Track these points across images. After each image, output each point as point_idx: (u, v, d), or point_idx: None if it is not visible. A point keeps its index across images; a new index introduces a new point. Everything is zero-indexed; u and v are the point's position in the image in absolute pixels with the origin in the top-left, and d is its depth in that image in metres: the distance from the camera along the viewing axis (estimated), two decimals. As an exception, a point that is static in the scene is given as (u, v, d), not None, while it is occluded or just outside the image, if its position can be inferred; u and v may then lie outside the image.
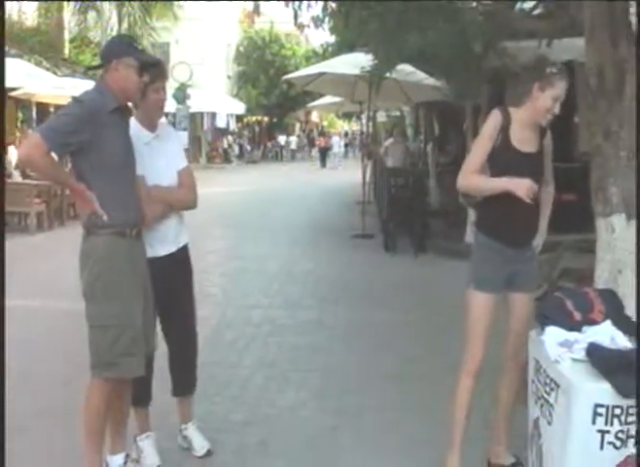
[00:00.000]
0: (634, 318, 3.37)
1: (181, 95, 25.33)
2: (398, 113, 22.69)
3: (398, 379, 4.82)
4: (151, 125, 3.53)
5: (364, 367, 5.10)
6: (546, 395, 2.83)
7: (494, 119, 3.25)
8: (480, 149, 3.27)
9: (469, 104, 11.17)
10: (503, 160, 3.23)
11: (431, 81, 12.33)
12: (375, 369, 5.05)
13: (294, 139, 41.70)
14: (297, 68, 29.25)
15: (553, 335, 2.92)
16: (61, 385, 4.45)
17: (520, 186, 3.09)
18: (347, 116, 35.50)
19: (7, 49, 13.48)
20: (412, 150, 14.88)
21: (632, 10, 4.81)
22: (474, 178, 3.27)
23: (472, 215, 6.26)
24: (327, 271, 8.62)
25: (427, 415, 4.14)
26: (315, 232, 11.75)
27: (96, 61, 4.43)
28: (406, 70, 12.25)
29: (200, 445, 3.73)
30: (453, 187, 3.48)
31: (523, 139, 3.26)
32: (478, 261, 3.38)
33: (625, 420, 2.57)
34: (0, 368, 3.03)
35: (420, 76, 12.36)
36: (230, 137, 35.83)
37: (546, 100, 3.16)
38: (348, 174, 20.30)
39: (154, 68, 3.41)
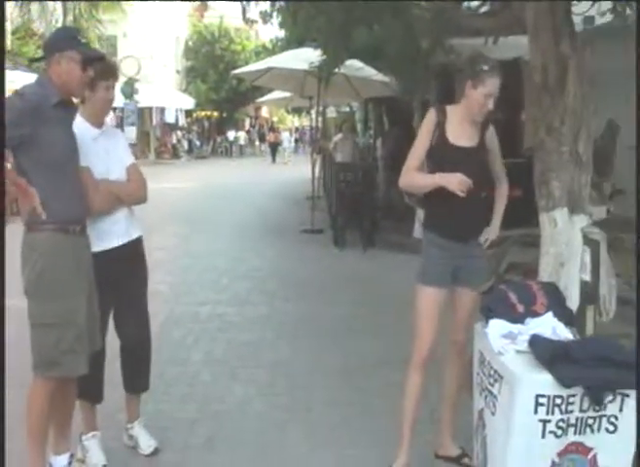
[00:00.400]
0: (575, 309, 3.47)
1: (129, 90, 24.92)
2: (348, 108, 22.76)
3: (347, 374, 4.85)
4: (97, 122, 3.48)
5: (313, 362, 5.11)
6: (490, 386, 2.87)
7: (429, 117, 3.34)
8: (417, 147, 3.34)
9: (417, 100, 11.27)
10: (439, 155, 3.31)
11: (380, 76, 12.40)
12: (324, 363, 5.06)
13: (242, 135, 41.42)
14: (246, 63, 29.03)
15: (497, 327, 2.97)
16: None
17: (452, 180, 3.16)
18: (297, 111, 35.44)
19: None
20: (362, 145, 14.95)
21: (574, 9, 4.92)
22: (413, 176, 3.33)
23: (420, 211, 6.33)
24: (276, 267, 8.60)
25: (376, 409, 4.17)
26: (265, 227, 11.72)
27: (40, 54, 4.33)
28: (355, 66, 12.28)
29: (147, 443, 3.69)
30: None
31: (460, 134, 3.32)
32: (423, 255, 3.43)
33: (566, 409, 2.63)
34: (0, 367, 2.97)
35: (369, 72, 12.42)
36: (179, 132, 35.42)
37: (478, 97, 3.24)
38: (298, 170, 20.25)
39: (100, 63, 3.35)
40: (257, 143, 44.04)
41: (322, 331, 5.88)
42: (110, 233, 3.48)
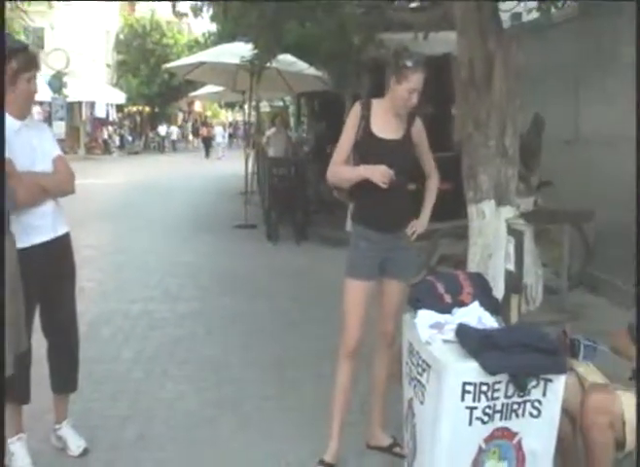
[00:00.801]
0: (500, 298, 3.54)
1: (57, 84, 24.26)
2: (281, 103, 22.74)
3: (280, 367, 4.84)
4: (20, 115, 3.37)
5: (244, 356, 5.09)
6: (418, 376, 2.91)
7: (354, 111, 3.37)
8: (343, 141, 3.37)
9: (349, 94, 11.34)
10: (364, 148, 3.34)
11: (312, 71, 12.41)
12: (257, 358, 5.04)
13: (175, 130, 40.87)
14: (179, 57, 28.68)
15: (425, 317, 3.01)
16: None
17: (375, 172, 3.20)
18: (230, 106, 35.20)
19: None
20: (295, 140, 14.95)
21: (501, 6, 5.02)
22: (339, 170, 3.37)
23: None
24: (209, 263, 8.52)
25: (309, 402, 4.18)
26: (197, 223, 11.60)
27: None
28: (287, 60, 12.26)
29: (76, 444, 3.60)
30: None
31: (386, 127, 3.35)
32: (351, 248, 3.46)
33: (492, 396, 2.67)
34: (0, 367, 2.87)
35: (301, 66, 12.41)
36: (110, 127, 34.74)
37: (402, 92, 3.27)
38: (232, 164, 20.15)
39: (23, 55, 3.24)
40: (190, 138, 43.57)
41: (254, 325, 5.85)
42: (36, 228, 3.37)
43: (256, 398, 4.33)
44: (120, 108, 36.73)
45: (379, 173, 3.19)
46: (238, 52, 11.41)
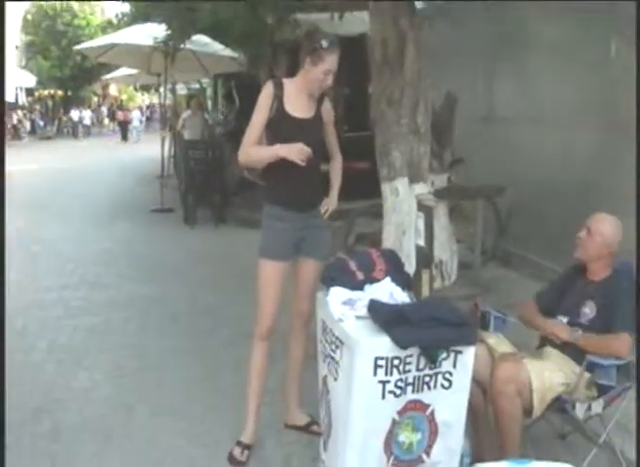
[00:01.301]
0: (412, 274, 3.59)
1: (-40, 66, 23.15)
2: (198, 85, 22.35)
3: (198, 351, 4.80)
4: None
5: (161, 342, 5.01)
6: (332, 353, 2.92)
7: (266, 90, 3.32)
8: (255, 121, 3.31)
9: (264, 75, 11.25)
10: (277, 126, 3.31)
11: (227, 52, 12.25)
12: (173, 343, 4.98)
13: (88, 114, 39.62)
14: (91, 39, 27.79)
15: (337, 295, 3.01)
16: None
17: (292, 150, 3.17)
18: (146, 89, 34.41)
19: None
20: (212, 122, 14.74)
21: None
22: (252, 150, 3.31)
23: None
24: (125, 249, 8.32)
25: (227, 385, 4.16)
26: (113, 209, 11.30)
27: None
28: (201, 41, 12.06)
29: (-14, 438, 3.47)
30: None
31: (298, 106, 3.33)
32: (265, 229, 3.42)
33: (404, 370, 2.71)
34: (0, 366, 2.75)
35: (216, 47, 12.23)
36: (20, 112, 33.42)
37: (317, 74, 3.25)
38: (149, 148, 19.66)
39: None
40: (106, 122, 42.40)
41: (172, 310, 5.77)
42: None
43: (173, 383, 4.28)
44: (30, 92, 35.36)
45: (297, 151, 3.16)
46: (152, 33, 11.15)
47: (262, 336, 3.42)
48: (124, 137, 32.66)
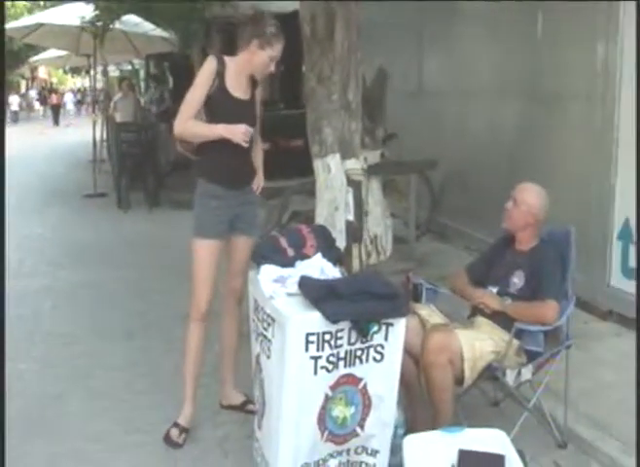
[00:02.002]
0: (343, 249, 3.58)
1: None
2: (130, 67, 21.91)
3: (130, 336, 4.73)
4: None
5: (93, 328, 4.91)
6: (264, 331, 2.88)
7: (209, 65, 3.26)
8: (195, 95, 3.26)
9: (197, 54, 11.09)
10: (218, 105, 3.27)
11: (158, 32, 12.03)
12: (106, 329, 4.89)
13: (16, 99, 38.28)
14: (17, 19, 26.85)
15: (268, 272, 2.98)
16: None
17: (236, 131, 3.16)
18: (76, 71, 33.50)
19: None
20: (145, 104, 14.46)
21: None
22: (190, 125, 3.27)
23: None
24: (55, 235, 8.10)
25: (161, 368, 4.11)
26: (43, 195, 10.98)
27: None
28: (132, 21, 11.81)
29: None
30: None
31: (238, 86, 3.30)
32: (199, 208, 3.38)
33: (335, 344, 2.70)
34: (0, 365, 2.63)
35: (147, 27, 12.00)
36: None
37: (264, 58, 3.25)
38: (82, 132, 19.17)
39: None
40: (37, 107, 41.15)
41: (104, 296, 5.65)
42: None
43: (106, 369, 4.20)
44: (-49, 76, 33.99)
45: (241, 133, 3.15)
46: (79, 13, 10.85)
47: (198, 316, 3.37)
48: (57, 122, 31.85)
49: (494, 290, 3.27)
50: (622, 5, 4.40)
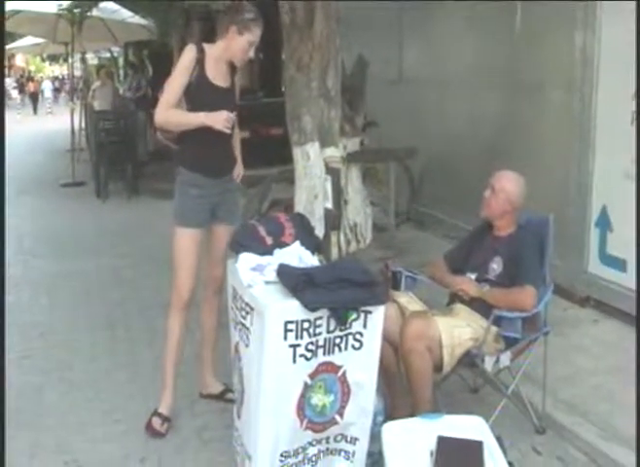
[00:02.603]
0: (321, 237, 3.57)
1: None
2: (108, 54, 21.70)
3: (110, 326, 4.70)
4: None
5: (73, 319, 4.88)
6: (242, 320, 2.87)
7: (189, 53, 3.24)
8: (175, 83, 3.23)
9: (176, 42, 11.00)
10: (199, 93, 3.25)
11: (137, 19, 11.92)
12: (85, 319, 4.86)
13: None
14: (-9, 7, 26.43)
15: (246, 261, 2.95)
16: None
17: (218, 119, 3.14)
18: (54, 59, 33.08)
19: None
20: (123, 92, 14.34)
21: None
22: (171, 113, 3.24)
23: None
24: (33, 225, 8.02)
25: (139, 358, 4.11)
26: (22, 184, 10.78)
27: None
28: (110, 8, 11.70)
29: None
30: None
31: (218, 74, 3.29)
32: (180, 197, 3.36)
33: (314, 332, 2.68)
34: (0, 365, 2.60)
35: (125, 14, 11.89)
36: None
37: (242, 43, 3.23)
38: (61, 120, 18.97)
39: None
40: (14, 95, 40.64)
41: (82, 286, 5.61)
42: None
43: (85, 360, 4.18)
44: None
45: (223, 120, 3.13)
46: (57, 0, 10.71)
47: (180, 305, 3.36)
48: (35, 110, 31.54)
49: (472, 276, 3.29)
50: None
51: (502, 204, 3.25)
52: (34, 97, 32.72)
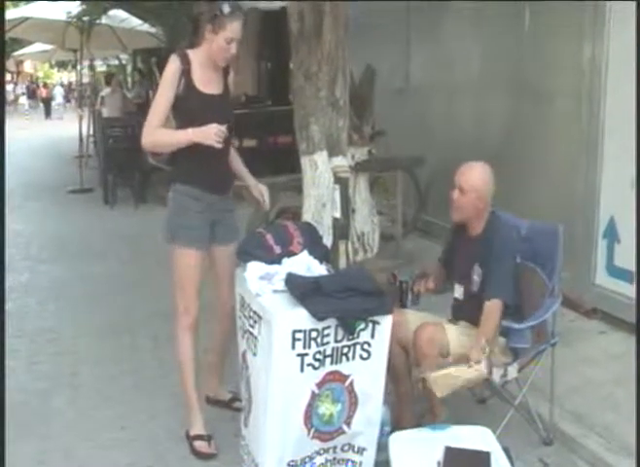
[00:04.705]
0: (330, 246, 3.58)
1: None
2: (117, 61, 21.80)
3: (115, 332, 4.71)
4: None
5: (79, 325, 4.90)
6: (250, 328, 2.88)
7: (172, 66, 3.06)
8: (160, 101, 3.07)
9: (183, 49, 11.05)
10: (189, 105, 3.09)
11: (145, 27, 11.98)
12: (91, 325, 4.87)
13: (-3, 92, 37.88)
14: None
15: (255, 269, 2.96)
16: None
17: (207, 134, 2.97)
18: (62, 65, 33.24)
19: None
20: (132, 99, 14.39)
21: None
22: (158, 134, 3.07)
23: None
24: (40, 230, 8.05)
25: (145, 364, 4.11)
26: (29, 190, 10.86)
27: None
28: (119, 16, 11.78)
29: None
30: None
31: (206, 80, 3.14)
32: (178, 214, 3.18)
33: (322, 342, 2.70)
34: (0, 365, 2.58)
35: (134, 22, 11.95)
36: None
37: (219, 42, 3.04)
38: (71, 126, 19.05)
39: None
40: (22, 100, 40.83)
41: (90, 292, 5.63)
42: None
43: (91, 366, 4.19)
44: None
45: (213, 134, 2.95)
46: (66, 7, 10.78)
47: (188, 327, 3.24)
48: (48, 115, 31.92)
49: (461, 289, 3.23)
50: (609, 3, 4.41)
51: (473, 204, 3.10)
52: (46, 102, 33.04)
